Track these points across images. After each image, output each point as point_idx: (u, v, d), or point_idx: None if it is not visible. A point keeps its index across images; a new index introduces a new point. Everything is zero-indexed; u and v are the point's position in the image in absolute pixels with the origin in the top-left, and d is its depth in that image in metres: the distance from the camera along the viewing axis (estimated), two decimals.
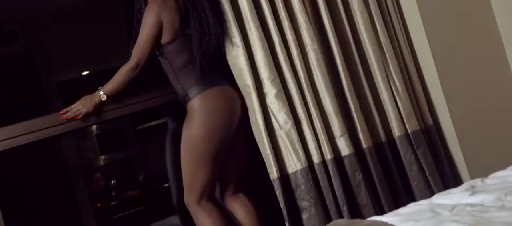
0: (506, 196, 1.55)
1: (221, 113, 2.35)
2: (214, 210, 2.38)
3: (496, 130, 2.62)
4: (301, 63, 2.47)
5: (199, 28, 2.36)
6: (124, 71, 2.39)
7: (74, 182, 5.35)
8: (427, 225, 1.46)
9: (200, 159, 2.33)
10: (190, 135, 2.34)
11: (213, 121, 2.33)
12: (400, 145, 2.53)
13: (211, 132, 2.32)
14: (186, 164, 2.37)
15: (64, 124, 2.45)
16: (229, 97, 2.39)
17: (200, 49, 2.36)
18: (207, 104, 2.33)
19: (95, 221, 5.30)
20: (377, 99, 2.57)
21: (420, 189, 2.48)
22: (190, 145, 2.34)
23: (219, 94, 2.37)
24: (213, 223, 2.34)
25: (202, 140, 2.32)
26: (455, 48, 2.63)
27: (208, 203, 2.38)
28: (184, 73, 2.39)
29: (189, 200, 2.39)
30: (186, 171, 2.37)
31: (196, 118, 2.33)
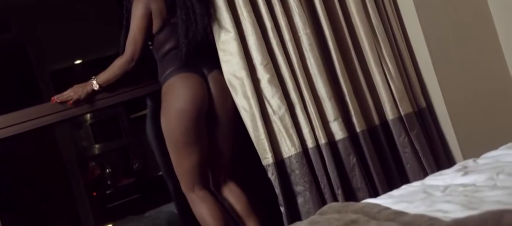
0: (498, 176, 1.56)
1: (183, 100, 2.32)
2: (208, 197, 2.38)
3: (489, 111, 2.63)
4: (293, 48, 2.47)
5: (185, 18, 2.36)
6: (118, 64, 2.40)
7: (69, 171, 5.35)
8: (420, 206, 1.47)
9: (177, 147, 2.35)
10: (165, 123, 2.36)
11: (175, 108, 2.32)
12: (393, 128, 2.54)
13: (176, 118, 2.32)
14: (170, 153, 2.40)
15: (57, 113, 2.45)
16: (192, 84, 2.35)
17: (186, 38, 2.36)
18: (173, 89, 2.34)
19: (91, 209, 5.31)
20: (370, 83, 2.57)
21: (414, 171, 2.50)
22: (167, 133, 2.37)
23: (183, 80, 2.35)
24: (208, 211, 2.35)
25: (171, 127, 2.33)
26: (448, 30, 2.63)
27: (202, 191, 2.39)
28: (165, 60, 2.41)
29: (183, 188, 2.41)
30: (172, 159, 2.40)
31: (164, 105, 2.36)
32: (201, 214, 2.36)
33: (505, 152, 1.85)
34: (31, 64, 5.22)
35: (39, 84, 5.22)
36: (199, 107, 2.35)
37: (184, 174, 2.38)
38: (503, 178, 1.53)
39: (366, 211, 1.47)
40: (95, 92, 2.43)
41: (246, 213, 2.46)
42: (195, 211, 2.40)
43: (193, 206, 2.40)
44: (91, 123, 5.66)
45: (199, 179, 2.39)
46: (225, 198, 2.51)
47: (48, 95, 4.28)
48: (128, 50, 2.38)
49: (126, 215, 4.85)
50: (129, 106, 5.56)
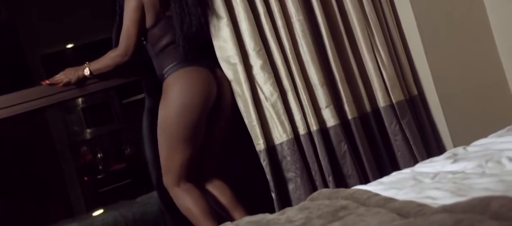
0: (487, 163, 1.57)
1: (192, 95, 2.31)
2: (194, 189, 2.36)
3: (480, 100, 2.64)
4: (286, 34, 2.46)
5: (179, 10, 2.35)
6: (112, 56, 2.39)
7: (61, 155, 5.34)
8: (409, 193, 1.48)
9: (174, 140, 2.32)
10: (164, 116, 2.33)
11: (182, 101, 2.30)
12: (385, 115, 2.55)
13: (180, 112, 2.30)
14: (162, 145, 2.36)
15: (48, 97, 2.44)
16: (201, 78, 2.35)
17: (182, 31, 2.34)
18: (178, 83, 2.32)
19: (82, 194, 5.31)
20: (362, 70, 2.58)
21: (405, 158, 2.51)
22: (164, 125, 2.33)
23: (192, 74, 2.34)
24: (194, 203, 2.33)
25: (174, 121, 2.30)
26: (441, 18, 2.64)
27: (187, 184, 2.36)
28: (164, 54, 2.38)
29: (168, 182, 2.38)
30: (162, 152, 2.37)
31: (168, 97, 2.32)
32: (187, 206, 2.34)
33: (495, 140, 1.86)
34: (22, 47, 5.19)
35: (30, 68, 5.20)
36: (206, 103, 2.35)
37: (173, 168, 2.34)
38: (491, 166, 1.54)
39: (356, 197, 1.48)
40: (86, 78, 2.42)
41: (232, 205, 2.45)
42: (179, 204, 2.37)
43: (177, 199, 2.37)
44: (82, 108, 5.64)
45: (186, 173, 2.37)
46: (209, 191, 2.50)
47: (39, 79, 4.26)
48: (122, 44, 2.36)
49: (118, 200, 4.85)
50: (121, 91, 5.54)
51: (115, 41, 2.46)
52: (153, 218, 4.09)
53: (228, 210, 2.46)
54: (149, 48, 2.43)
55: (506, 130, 1.98)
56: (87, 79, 2.43)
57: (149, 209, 4.15)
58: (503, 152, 1.64)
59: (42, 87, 2.44)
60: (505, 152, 1.62)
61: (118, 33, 2.42)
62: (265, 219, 1.58)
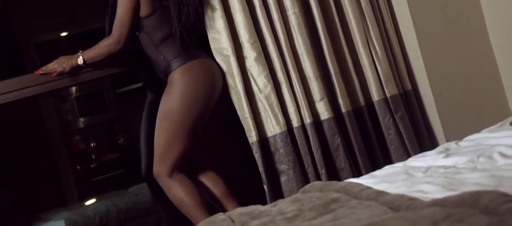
0: (478, 158, 1.58)
1: (202, 86, 2.33)
2: (187, 180, 2.36)
3: (473, 96, 2.65)
4: (281, 26, 2.46)
5: (177, 0, 2.34)
6: (104, 44, 2.38)
7: (54, 144, 5.33)
8: (401, 186, 1.49)
9: (178, 131, 2.31)
10: (170, 105, 2.32)
11: (194, 94, 2.31)
12: (378, 109, 2.56)
13: (190, 104, 2.30)
14: (162, 134, 2.34)
15: (41, 85, 2.43)
16: (210, 71, 2.37)
17: (179, 22, 2.34)
18: (189, 76, 2.32)
19: (75, 183, 5.31)
20: (357, 64, 2.58)
21: (397, 152, 2.52)
22: (169, 115, 2.32)
23: (201, 67, 2.35)
24: (187, 193, 2.33)
25: (182, 112, 2.30)
26: (436, 13, 2.64)
27: (180, 174, 2.36)
28: (165, 45, 2.37)
29: (161, 171, 2.36)
30: (161, 141, 2.35)
31: (176, 89, 2.31)
32: (179, 197, 2.33)
33: (487, 135, 1.87)
34: (16, 35, 5.16)
35: (23, 55, 5.17)
36: (214, 96, 2.37)
37: (170, 158, 2.33)
38: (483, 161, 1.55)
39: (348, 190, 1.49)
40: (79, 67, 2.41)
41: (225, 197, 2.46)
42: (172, 195, 2.36)
43: (170, 190, 2.36)
44: (76, 96, 5.62)
45: (181, 165, 2.37)
46: (202, 183, 2.50)
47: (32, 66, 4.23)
48: (115, 33, 2.35)
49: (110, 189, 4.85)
50: (115, 81, 5.53)
51: (108, 30, 2.45)
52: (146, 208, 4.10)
53: (220, 202, 2.46)
54: (145, 38, 2.40)
55: (498, 126, 2.00)
56: (80, 68, 2.42)
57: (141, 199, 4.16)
58: (494, 147, 1.65)
59: (36, 75, 2.43)
60: (497, 147, 1.63)
61: (111, 22, 2.41)
62: (257, 210, 1.58)
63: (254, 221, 1.45)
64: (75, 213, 4.05)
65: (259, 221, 1.42)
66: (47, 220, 4.04)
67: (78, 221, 3.95)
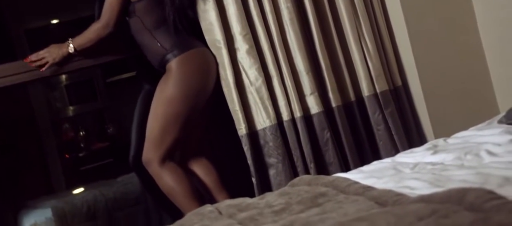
0: (466, 156, 1.59)
1: (200, 76, 2.34)
2: (178, 169, 2.36)
3: (462, 93, 2.66)
4: (274, 20, 2.46)
5: None
6: (93, 29, 2.37)
7: (42, 131, 5.29)
8: (389, 182, 1.50)
9: (173, 118, 2.31)
10: (167, 93, 2.32)
11: (192, 83, 2.32)
12: (368, 105, 2.56)
13: (189, 93, 2.31)
14: (157, 120, 2.33)
15: (31, 72, 2.42)
16: (207, 61, 2.38)
17: (173, 6, 2.33)
18: (187, 66, 2.32)
19: (63, 171, 5.28)
20: (348, 59, 2.58)
21: (386, 148, 2.53)
22: (165, 102, 2.32)
23: (198, 57, 2.36)
24: (178, 182, 2.33)
25: (179, 100, 2.30)
26: (427, 10, 2.65)
27: (171, 163, 2.36)
28: (161, 32, 2.35)
29: (151, 158, 2.34)
30: (155, 127, 2.34)
31: (175, 77, 2.31)
32: (170, 184, 2.33)
33: (474, 133, 1.89)
34: (6, 21, 5.12)
35: (13, 42, 5.13)
36: (212, 86, 2.39)
37: (164, 145, 2.32)
38: (470, 158, 1.56)
39: (335, 184, 1.50)
40: (70, 55, 2.39)
41: (216, 188, 2.46)
42: (163, 183, 2.35)
43: (161, 178, 2.35)
44: (66, 84, 5.58)
45: (172, 153, 2.36)
46: (193, 171, 2.50)
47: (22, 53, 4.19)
48: (105, 16, 2.34)
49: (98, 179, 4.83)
50: (106, 69, 5.50)
51: (97, 15, 2.43)
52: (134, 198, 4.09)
53: (212, 192, 2.46)
54: (137, 23, 2.38)
55: (486, 124, 2.01)
56: (71, 56, 2.40)
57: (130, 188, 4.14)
58: (482, 145, 1.66)
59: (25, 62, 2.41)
60: (484, 145, 1.65)
61: (100, 8, 2.40)
62: (245, 202, 1.59)
63: (242, 213, 1.46)
64: (62, 202, 4.03)
65: (246, 214, 1.43)
66: (34, 208, 4.02)
67: (65, 210, 3.93)
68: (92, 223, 3.97)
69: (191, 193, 2.33)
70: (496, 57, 2.67)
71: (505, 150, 1.54)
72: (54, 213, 3.88)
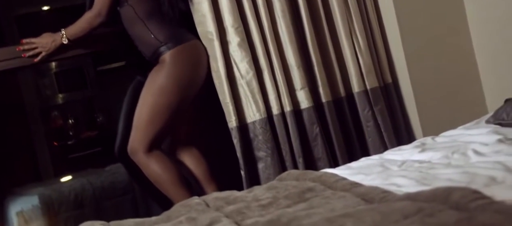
0: (453, 154, 1.60)
1: (192, 69, 2.34)
2: (164, 156, 2.36)
3: (451, 93, 2.68)
4: (266, 13, 2.46)
5: None
6: (85, 18, 2.36)
7: (31, 118, 5.26)
8: (376, 179, 1.51)
9: (163, 108, 2.30)
10: (158, 83, 2.31)
11: (184, 75, 2.32)
12: (358, 101, 2.57)
13: (180, 85, 2.31)
14: (146, 108, 2.32)
15: (21, 58, 2.40)
16: (199, 54, 2.38)
17: None
18: (182, 59, 2.32)
19: (51, 159, 5.26)
20: (339, 55, 2.59)
21: (375, 145, 2.54)
22: (156, 92, 2.31)
23: (193, 50, 2.36)
24: (165, 169, 2.32)
25: (170, 91, 2.30)
26: (419, 9, 2.66)
27: (158, 151, 2.35)
28: (154, 23, 2.34)
29: (138, 147, 2.33)
30: (144, 115, 2.33)
31: (168, 69, 2.31)
32: (157, 172, 2.32)
33: (462, 132, 1.90)
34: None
35: (2, 27, 5.09)
36: (203, 78, 2.39)
37: (151, 134, 2.31)
38: (457, 157, 1.57)
39: (323, 180, 1.50)
40: (64, 45, 2.38)
41: (206, 179, 2.46)
42: (150, 171, 2.34)
43: (148, 167, 2.34)
44: (55, 72, 5.54)
45: (158, 142, 2.36)
46: (183, 162, 2.50)
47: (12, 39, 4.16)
48: (97, 5, 2.33)
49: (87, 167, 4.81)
50: (97, 58, 5.47)
51: (88, 5, 2.42)
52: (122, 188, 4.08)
53: (201, 183, 2.46)
54: (129, 12, 2.37)
55: (474, 123, 2.03)
56: (65, 46, 2.39)
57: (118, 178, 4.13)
58: (469, 144, 1.67)
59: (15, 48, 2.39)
60: (471, 144, 1.66)
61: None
62: (232, 195, 1.59)
63: (229, 206, 1.46)
64: (49, 189, 4.01)
65: (234, 207, 1.43)
66: (21, 195, 4.00)
67: (53, 197, 3.91)
68: (79, 212, 3.95)
69: (179, 180, 2.33)
70: (486, 58, 2.69)
71: (492, 149, 1.55)
72: (41, 201, 3.86)
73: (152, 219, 1.56)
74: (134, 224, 1.52)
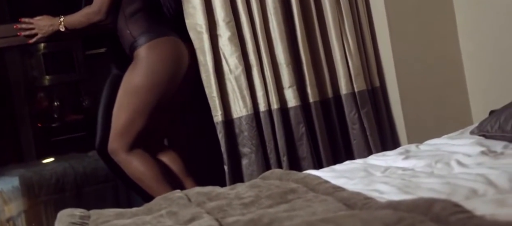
0: (436, 164, 1.61)
1: (168, 64, 2.30)
2: (146, 154, 2.34)
3: (438, 100, 2.70)
4: (258, 9, 2.45)
5: None
6: (85, 12, 2.35)
7: (16, 98, 5.21)
8: (358, 184, 1.51)
9: (141, 108, 2.28)
10: (135, 82, 2.29)
11: (159, 71, 2.28)
12: (345, 103, 2.58)
13: (156, 82, 2.28)
14: (124, 110, 2.30)
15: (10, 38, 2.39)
16: (176, 49, 2.35)
17: None
18: (155, 53, 2.29)
19: (34, 140, 5.21)
20: (329, 56, 2.59)
21: (359, 148, 2.55)
22: (133, 91, 2.29)
23: (167, 44, 2.32)
24: (148, 166, 2.31)
25: (145, 90, 2.27)
26: (410, 14, 2.67)
27: (138, 149, 2.33)
28: (134, 20, 2.33)
29: (117, 148, 2.31)
30: (122, 117, 2.31)
31: (142, 65, 2.28)
32: (139, 170, 2.31)
33: (446, 141, 1.91)
34: None
35: None
36: (180, 74, 2.36)
37: (131, 133, 2.29)
38: (440, 167, 1.58)
39: (306, 182, 1.51)
40: (60, 32, 2.37)
41: (183, 174, 2.45)
42: (132, 169, 2.32)
43: (129, 165, 2.32)
44: (43, 53, 5.47)
45: (139, 141, 2.33)
46: (159, 160, 2.49)
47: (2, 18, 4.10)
48: (97, 2, 2.31)
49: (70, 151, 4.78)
50: (86, 42, 5.42)
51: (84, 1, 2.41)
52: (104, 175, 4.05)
53: (179, 178, 2.45)
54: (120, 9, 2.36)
55: (458, 133, 2.04)
56: (60, 32, 2.38)
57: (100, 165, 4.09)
58: (453, 154, 1.68)
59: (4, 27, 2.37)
60: (455, 154, 1.67)
61: None
62: (215, 191, 1.59)
63: (211, 202, 1.46)
64: (31, 171, 3.98)
65: (215, 204, 1.43)
66: (1, 175, 3.96)
67: (33, 180, 3.88)
68: (60, 196, 3.93)
69: (162, 177, 2.32)
70: (474, 68, 2.71)
71: (475, 161, 1.56)
72: (22, 182, 3.83)
73: (132, 210, 1.55)
74: (114, 214, 1.51)
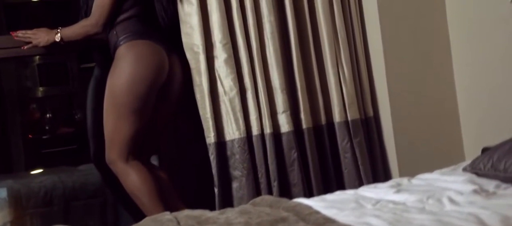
0: (428, 200, 1.60)
1: (146, 65, 2.30)
2: (143, 168, 2.34)
3: (430, 134, 2.70)
4: (255, 33, 2.46)
5: None
6: (82, 25, 2.36)
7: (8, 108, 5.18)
8: (349, 215, 1.51)
9: (121, 109, 2.28)
10: (113, 83, 2.30)
11: (136, 70, 2.28)
12: (338, 131, 2.57)
13: (133, 81, 2.28)
14: (109, 115, 2.32)
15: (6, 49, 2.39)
16: (156, 53, 2.34)
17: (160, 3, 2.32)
18: (133, 52, 2.30)
19: (24, 151, 5.17)
20: (324, 83, 2.59)
21: (350, 177, 2.54)
22: (113, 93, 2.30)
23: (147, 46, 2.33)
24: (145, 182, 2.30)
25: (124, 88, 2.28)
26: (406, 46, 2.68)
27: (135, 161, 2.33)
28: (123, 24, 2.34)
29: (114, 157, 2.32)
30: (109, 123, 2.32)
31: (120, 65, 2.30)
32: (136, 184, 2.30)
33: (439, 177, 1.91)
34: None
35: None
36: (157, 77, 2.33)
37: (119, 141, 2.29)
38: (431, 203, 1.57)
39: (297, 211, 1.50)
40: (56, 43, 2.37)
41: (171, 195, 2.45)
42: (127, 181, 2.32)
43: (127, 177, 2.32)
44: (38, 64, 5.47)
45: (133, 150, 2.33)
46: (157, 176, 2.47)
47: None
48: (95, 14, 2.32)
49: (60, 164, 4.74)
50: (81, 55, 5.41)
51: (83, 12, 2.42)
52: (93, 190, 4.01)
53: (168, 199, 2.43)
54: None
55: (451, 169, 2.03)
56: (56, 44, 2.38)
57: (90, 179, 4.06)
58: (445, 190, 1.68)
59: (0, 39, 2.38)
60: (447, 191, 1.66)
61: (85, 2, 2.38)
62: (204, 215, 1.58)
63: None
64: (19, 183, 3.93)
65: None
66: None
67: (21, 192, 3.83)
68: (48, 209, 3.88)
69: (156, 194, 2.31)
70: (467, 103, 2.71)
71: (467, 200, 1.55)
72: (9, 194, 3.79)
73: None
74: None
